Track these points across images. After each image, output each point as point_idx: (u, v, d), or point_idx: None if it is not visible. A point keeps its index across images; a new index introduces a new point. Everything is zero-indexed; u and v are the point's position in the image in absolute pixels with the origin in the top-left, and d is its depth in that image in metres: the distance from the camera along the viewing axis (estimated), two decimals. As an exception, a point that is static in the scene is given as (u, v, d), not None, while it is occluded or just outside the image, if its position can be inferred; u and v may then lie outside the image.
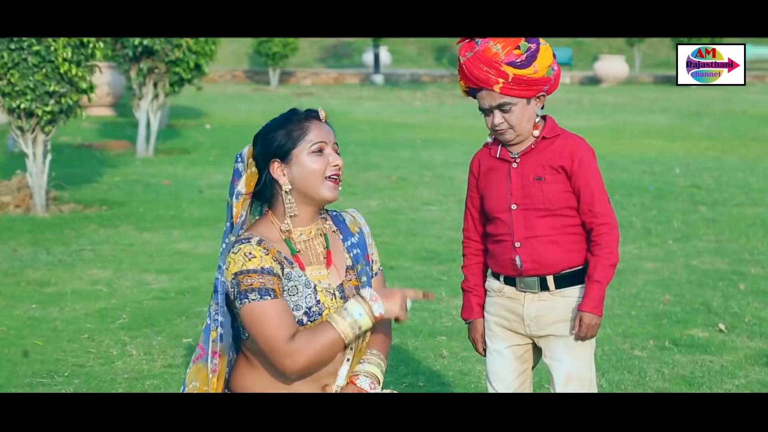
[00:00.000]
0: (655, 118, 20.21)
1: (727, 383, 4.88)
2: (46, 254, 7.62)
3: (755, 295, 6.52)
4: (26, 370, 5.05)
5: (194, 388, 2.96)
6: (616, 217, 3.36)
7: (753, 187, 11.17)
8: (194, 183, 11.30)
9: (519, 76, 3.22)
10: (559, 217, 3.31)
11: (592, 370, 3.39)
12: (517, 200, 3.32)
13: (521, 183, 3.32)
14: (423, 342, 5.53)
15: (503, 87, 3.22)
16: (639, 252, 7.81)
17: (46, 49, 8.67)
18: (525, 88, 3.24)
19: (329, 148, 2.97)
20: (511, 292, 3.39)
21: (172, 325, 5.83)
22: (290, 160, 2.94)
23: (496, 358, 3.45)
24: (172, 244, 8.08)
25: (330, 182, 2.95)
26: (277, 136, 2.96)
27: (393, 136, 16.57)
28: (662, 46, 36.97)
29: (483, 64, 3.22)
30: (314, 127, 2.97)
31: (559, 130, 3.35)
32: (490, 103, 3.27)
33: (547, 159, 3.30)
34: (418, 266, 7.26)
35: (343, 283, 2.99)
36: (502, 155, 3.38)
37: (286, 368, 2.84)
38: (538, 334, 3.37)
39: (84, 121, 15.84)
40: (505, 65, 3.21)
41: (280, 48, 29.59)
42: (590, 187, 3.30)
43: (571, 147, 3.31)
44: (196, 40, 13.11)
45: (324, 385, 2.96)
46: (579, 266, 3.32)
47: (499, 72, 3.21)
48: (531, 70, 3.22)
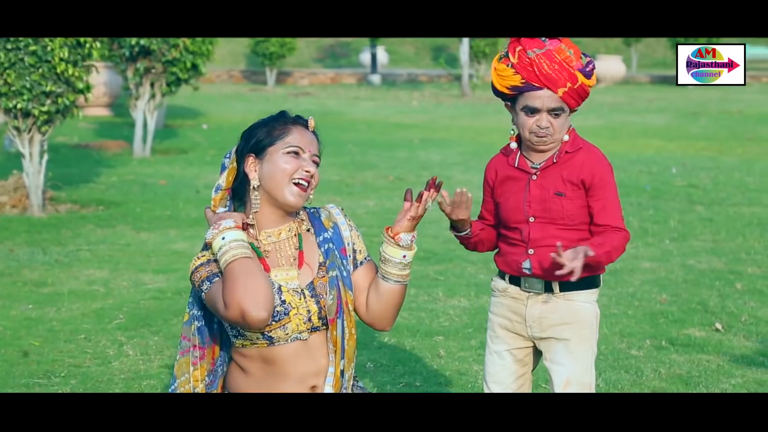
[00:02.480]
0: (652, 118, 20.22)
1: (723, 383, 4.89)
2: (43, 254, 7.62)
3: (752, 294, 6.53)
4: (23, 370, 5.05)
5: (186, 380, 2.98)
6: (627, 231, 3.38)
7: (750, 186, 11.17)
8: (191, 183, 11.29)
9: (584, 85, 3.24)
10: (575, 230, 3.31)
11: (592, 376, 3.37)
12: (536, 213, 3.31)
13: (541, 196, 3.30)
14: (420, 342, 5.53)
15: (567, 91, 3.22)
16: (636, 251, 7.82)
17: (43, 49, 8.66)
18: (579, 97, 3.26)
19: (306, 155, 2.96)
20: (516, 292, 3.38)
21: (168, 325, 5.83)
22: (264, 157, 2.95)
23: (495, 360, 3.44)
24: (169, 244, 8.07)
25: (295, 187, 2.94)
26: (258, 133, 2.98)
27: (390, 136, 16.57)
28: (659, 46, 36.98)
29: (557, 64, 3.21)
30: (297, 131, 2.97)
31: (581, 142, 3.34)
32: (547, 105, 3.23)
33: (568, 174, 3.29)
34: (415, 266, 7.24)
35: (314, 281, 2.98)
36: (521, 165, 3.35)
37: (252, 323, 2.83)
38: (540, 336, 3.36)
39: (81, 121, 15.83)
40: (577, 71, 3.23)
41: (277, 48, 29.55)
42: (607, 204, 3.32)
43: (592, 163, 3.30)
44: (193, 40, 13.09)
45: (312, 386, 2.96)
46: (586, 273, 3.32)
47: (570, 76, 3.22)
48: (592, 81, 3.27)
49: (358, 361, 5.14)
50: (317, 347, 2.98)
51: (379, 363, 5.18)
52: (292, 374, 2.95)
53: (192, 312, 3.03)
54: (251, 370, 2.97)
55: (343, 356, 3.00)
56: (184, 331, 3.04)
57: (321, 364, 2.97)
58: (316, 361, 2.97)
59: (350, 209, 9.59)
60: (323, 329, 2.98)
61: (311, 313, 2.94)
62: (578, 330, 3.33)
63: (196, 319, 3.02)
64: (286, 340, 2.93)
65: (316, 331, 2.97)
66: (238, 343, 2.97)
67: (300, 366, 2.95)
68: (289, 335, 2.93)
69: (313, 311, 2.95)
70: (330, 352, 2.98)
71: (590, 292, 3.38)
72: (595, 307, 3.39)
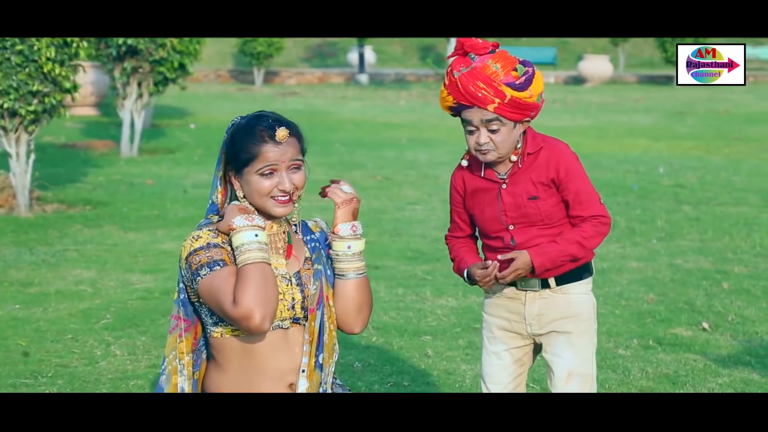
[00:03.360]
0: (640, 117, 20.26)
1: (710, 382, 4.90)
2: (30, 254, 7.59)
3: (738, 294, 6.55)
4: (9, 370, 5.03)
5: (174, 356, 2.98)
6: (608, 217, 3.38)
7: (736, 186, 11.21)
8: (178, 183, 11.27)
9: (515, 98, 3.18)
10: (557, 227, 3.32)
11: (593, 368, 3.40)
12: (514, 220, 3.31)
13: (515, 203, 3.30)
14: (408, 341, 5.53)
15: (498, 107, 3.18)
16: (623, 251, 7.83)
17: (30, 48, 8.63)
18: (518, 111, 3.20)
19: (282, 169, 2.97)
20: (512, 292, 3.39)
21: (156, 325, 5.82)
22: (242, 176, 2.99)
23: (494, 360, 3.44)
24: (157, 244, 8.06)
25: (276, 201, 2.97)
26: (236, 147, 2.98)
27: (378, 135, 16.57)
28: (646, 46, 37.06)
29: (481, 82, 3.17)
30: (268, 147, 2.97)
31: (540, 140, 3.33)
32: (480, 121, 3.21)
33: (536, 176, 3.29)
34: (403, 266, 7.26)
35: (300, 271, 3.02)
36: (488, 175, 3.34)
37: (253, 328, 2.85)
38: (540, 332, 3.38)
39: (68, 121, 15.78)
40: (503, 85, 3.17)
41: (265, 47, 29.53)
42: (580, 194, 3.31)
43: (557, 159, 3.29)
44: (180, 39, 13.06)
45: (290, 383, 2.97)
46: (579, 263, 3.34)
47: (497, 91, 3.17)
48: (527, 93, 3.20)
49: (346, 360, 5.14)
50: (296, 341, 2.99)
51: (367, 363, 5.18)
52: (270, 370, 2.95)
53: (179, 286, 3.03)
54: (228, 367, 2.97)
55: (322, 349, 3.01)
56: (173, 311, 3.05)
57: (299, 359, 2.98)
58: (294, 356, 2.98)
59: (338, 209, 9.58)
60: (303, 323, 3.00)
61: (295, 301, 2.98)
62: (578, 322, 3.36)
63: (181, 292, 3.02)
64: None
65: (296, 323, 2.99)
66: (216, 332, 2.97)
67: (277, 360, 2.96)
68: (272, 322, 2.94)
69: (297, 299, 2.98)
70: (306, 342, 2.99)
71: (585, 282, 3.41)
72: (592, 297, 3.42)
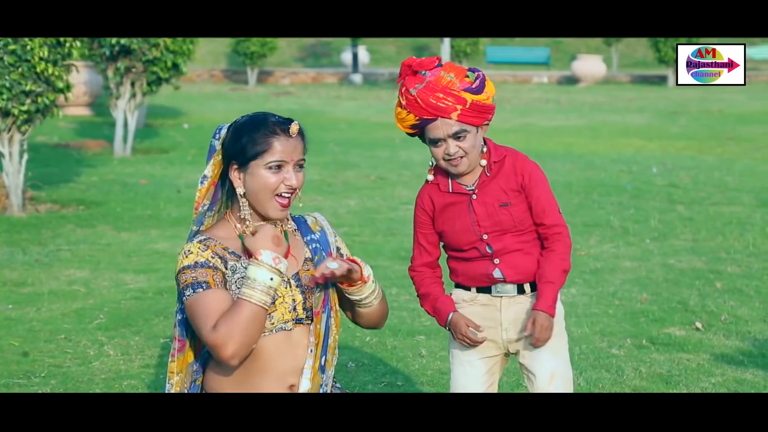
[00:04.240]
0: (633, 117, 20.29)
1: (703, 381, 4.91)
2: (23, 254, 7.58)
3: (732, 293, 6.56)
4: (2, 370, 5.02)
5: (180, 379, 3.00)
6: (566, 226, 3.39)
7: (729, 186, 11.23)
8: (172, 183, 11.26)
9: (476, 102, 3.21)
10: (529, 233, 3.35)
11: (571, 369, 3.43)
12: (487, 229, 3.31)
13: (487, 212, 3.31)
14: (402, 341, 5.53)
15: (461, 114, 3.20)
16: (616, 251, 7.84)
17: (22, 48, 8.61)
18: (479, 114, 3.23)
19: (290, 166, 2.98)
20: (486, 299, 3.39)
21: (149, 325, 5.81)
22: (247, 170, 2.98)
23: (467, 369, 3.43)
24: (150, 244, 8.05)
25: (278, 202, 2.98)
26: (242, 140, 2.98)
27: (372, 135, 16.58)
28: (639, 46, 37.11)
29: (440, 92, 3.19)
30: (280, 142, 2.97)
31: (502, 149, 3.36)
32: (446, 132, 3.22)
33: (505, 182, 3.31)
34: (397, 266, 7.26)
35: (299, 272, 3.02)
36: (455, 189, 3.34)
37: (222, 358, 2.87)
38: (516, 337, 3.38)
39: (61, 121, 15.75)
40: (462, 91, 3.20)
41: (258, 47, 29.53)
42: (542, 200, 3.33)
43: (521, 163, 3.33)
44: (173, 39, 13.05)
45: (290, 384, 2.97)
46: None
47: (457, 98, 3.19)
48: (484, 95, 3.23)
49: (340, 360, 5.14)
50: (299, 342, 3.00)
51: (361, 362, 5.18)
52: (272, 370, 2.96)
53: (178, 306, 3.04)
54: (229, 367, 2.97)
55: (326, 351, 3.02)
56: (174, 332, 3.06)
57: (301, 360, 2.99)
58: (297, 357, 2.98)
59: (332, 209, 9.59)
60: (307, 323, 3.00)
61: (296, 303, 2.98)
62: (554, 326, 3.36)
63: (179, 312, 3.03)
64: (271, 330, 2.96)
65: (300, 323, 2.99)
66: None
67: (280, 361, 2.96)
68: (275, 325, 2.96)
69: (298, 301, 2.99)
70: (311, 345, 2.99)
71: None
72: (560, 302, 3.44)
